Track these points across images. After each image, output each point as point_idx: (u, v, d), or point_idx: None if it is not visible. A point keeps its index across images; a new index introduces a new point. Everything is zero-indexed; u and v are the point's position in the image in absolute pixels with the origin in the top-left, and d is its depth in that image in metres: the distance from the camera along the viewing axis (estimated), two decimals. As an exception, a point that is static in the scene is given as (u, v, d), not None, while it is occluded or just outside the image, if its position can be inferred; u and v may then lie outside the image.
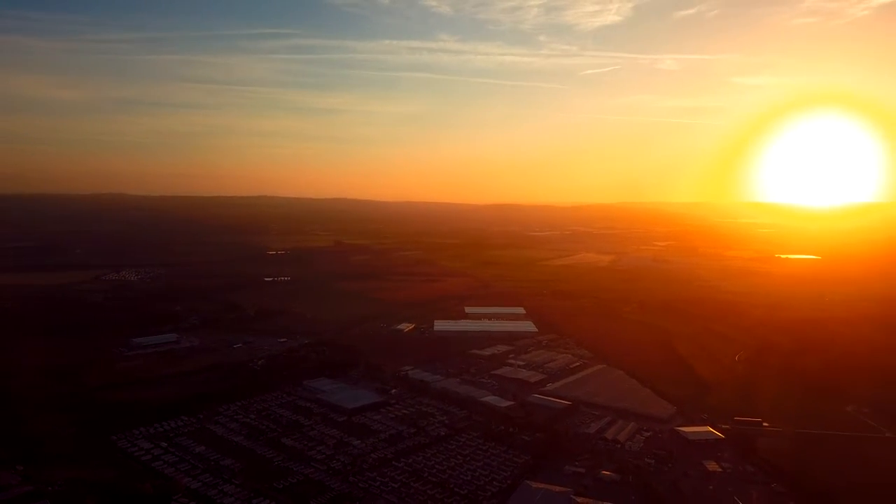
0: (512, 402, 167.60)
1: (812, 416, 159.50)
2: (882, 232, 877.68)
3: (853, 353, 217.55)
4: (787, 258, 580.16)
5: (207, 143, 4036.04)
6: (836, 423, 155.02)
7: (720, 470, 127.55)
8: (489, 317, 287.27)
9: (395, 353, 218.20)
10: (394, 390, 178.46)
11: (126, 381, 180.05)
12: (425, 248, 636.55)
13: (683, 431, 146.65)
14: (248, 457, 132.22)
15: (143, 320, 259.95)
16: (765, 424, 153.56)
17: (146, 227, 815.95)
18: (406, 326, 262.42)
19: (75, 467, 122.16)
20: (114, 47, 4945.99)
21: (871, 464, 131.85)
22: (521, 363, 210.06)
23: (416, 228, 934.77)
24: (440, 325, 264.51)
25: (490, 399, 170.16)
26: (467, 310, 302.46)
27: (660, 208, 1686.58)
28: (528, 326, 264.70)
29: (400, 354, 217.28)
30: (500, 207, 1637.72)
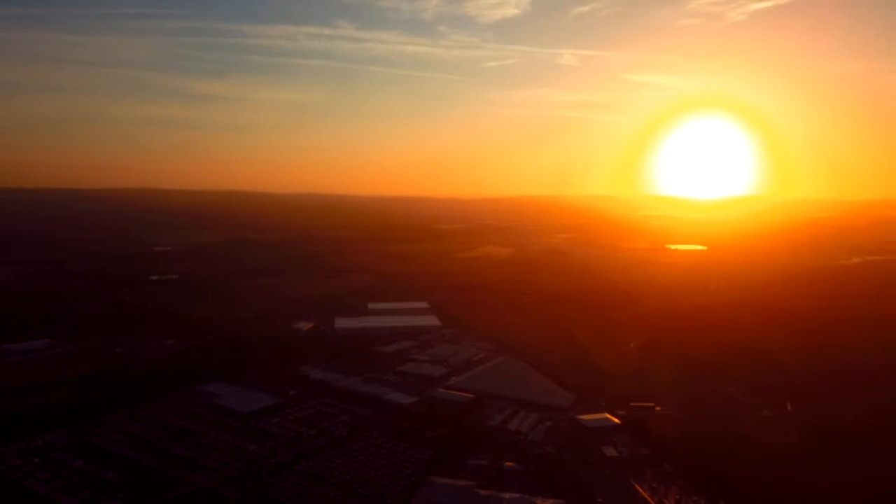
0: (416, 398, 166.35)
1: (699, 398, 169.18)
2: (756, 222, 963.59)
3: (735, 336, 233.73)
4: (676, 248, 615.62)
5: (85, 131, 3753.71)
6: (720, 404, 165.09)
7: (617, 455, 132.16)
8: (392, 312, 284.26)
9: (294, 353, 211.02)
10: (292, 391, 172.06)
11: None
12: (327, 243, 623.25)
13: (583, 419, 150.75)
14: (133, 469, 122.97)
15: (11, 324, 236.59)
16: (657, 408, 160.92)
17: (15, 222, 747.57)
18: (305, 325, 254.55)
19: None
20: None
21: (749, 440, 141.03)
22: (426, 358, 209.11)
23: (317, 222, 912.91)
24: (341, 323, 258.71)
25: (394, 396, 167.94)
26: (370, 306, 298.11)
27: (561, 201, 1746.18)
28: (432, 321, 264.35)
29: (299, 354, 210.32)
30: (404, 200, 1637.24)
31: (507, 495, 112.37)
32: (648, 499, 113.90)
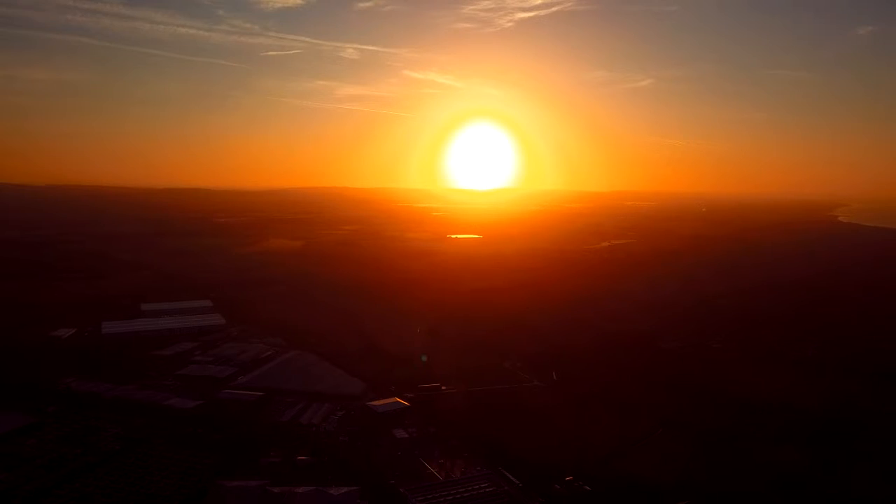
0: (200, 402, 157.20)
1: (479, 374, 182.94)
2: (516, 211, 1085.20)
3: (508, 316, 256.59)
4: (456, 238, 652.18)
5: None
6: (498, 379, 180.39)
7: (407, 436, 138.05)
8: (170, 313, 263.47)
9: (53, 365, 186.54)
10: (51, 408, 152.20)
11: None
12: (89, 239, 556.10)
13: (373, 405, 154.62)
14: None
15: None
16: (443, 388, 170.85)
17: None
18: (65, 332, 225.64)
19: None
20: None
21: (523, 408, 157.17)
22: (209, 359, 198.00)
23: (78, 217, 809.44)
24: (110, 327, 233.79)
25: (174, 402, 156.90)
26: (143, 307, 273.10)
27: (346, 193, 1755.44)
28: (216, 319, 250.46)
29: (59, 365, 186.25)
30: (178, 192, 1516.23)
31: (300, 489, 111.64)
32: (436, 474, 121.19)
